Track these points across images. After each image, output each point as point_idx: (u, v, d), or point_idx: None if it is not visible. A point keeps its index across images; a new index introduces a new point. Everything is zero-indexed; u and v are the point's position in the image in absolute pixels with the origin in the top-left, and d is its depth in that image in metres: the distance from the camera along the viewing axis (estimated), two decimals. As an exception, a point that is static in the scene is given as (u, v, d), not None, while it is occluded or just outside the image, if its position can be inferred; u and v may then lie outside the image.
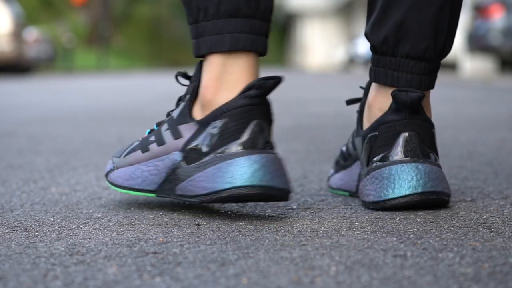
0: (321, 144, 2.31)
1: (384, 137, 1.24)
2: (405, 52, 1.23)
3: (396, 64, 1.24)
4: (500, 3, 10.60)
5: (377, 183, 1.21)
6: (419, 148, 1.22)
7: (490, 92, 6.63)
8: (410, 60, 1.24)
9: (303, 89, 7.68)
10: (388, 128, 1.23)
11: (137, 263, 0.89)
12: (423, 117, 1.23)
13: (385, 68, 1.25)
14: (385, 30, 1.24)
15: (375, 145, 1.25)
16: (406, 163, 1.20)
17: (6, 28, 12.83)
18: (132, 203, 1.30)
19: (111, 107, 4.56)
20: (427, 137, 1.23)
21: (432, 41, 1.23)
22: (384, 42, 1.24)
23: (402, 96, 1.21)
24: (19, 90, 7.51)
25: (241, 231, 1.07)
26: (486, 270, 0.85)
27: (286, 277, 0.83)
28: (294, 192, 1.17)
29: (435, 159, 1.24)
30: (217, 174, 1.14)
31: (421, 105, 1.23)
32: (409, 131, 1.22)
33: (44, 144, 2.36)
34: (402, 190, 1.19)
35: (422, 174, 1.19)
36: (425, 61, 1.24)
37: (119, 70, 22.38)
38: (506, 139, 2.41)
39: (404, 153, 1.22)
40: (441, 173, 1.22)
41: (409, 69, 1.24)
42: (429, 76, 1.25)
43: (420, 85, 1.24)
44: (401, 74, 1.24)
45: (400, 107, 1.22)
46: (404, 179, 1.19)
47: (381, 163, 1.23)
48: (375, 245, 0.97)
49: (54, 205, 1.29)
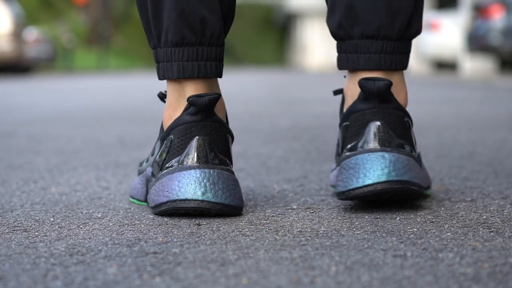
0: (321, 144, 2.31)
1: (354, 126, 1.23)
2: (359, 33, 1.23)
3: (354, 46, 1.24)
4: (500, 3, 10.59)
5: (344, 173, 1.20)
6: (388, 137, 1.20)
7: (490, 92, 6.63)
8: (366, 40, 1.23)
9: (303, 89, 7.68)
10: (357, 117, 1.22)
11: (137, 263, 0.89)
12: (393, 106, 1.22)
13: (346, 52, 1.25)
14: (338, 15, 1.25)
15: (347, 135, 1.24)
16: (372, 152, 1.18)
17: (6, 28, 12.83)
18: (132, 203, 1.31)
19: (111, 107, 4.56)
20: (397, 126, 1.22)
21: (386, 18, 1.22)
22: (339, 27, 1.25)
23: (369, 84, 1.20)
24: (19, 90, 7.51)
25: (241, 231, 1.07)
26: (486, 270, 0.85)
27: (286, 277, 0.83)
28: (243, 206, 1.17)
29: (410, 149, 1.21)
30: (160, 188, 1.19)
31: (390, 94, 1.21)
32: (377, 120, 1.21)
33: (44, 144, 2.36)
34: (366, 180, 1.16)
35: (387, 163, 1.17)
36: (382, 39, 1.23)
37: (119, 70, 22.39)
38: (506, 139, 2.41)
39: (372, 143, 1.20)
40: (411, 162, 1.19)
41: (366, 49, 1.23)
42: (392, 55, 1.23)
43: (381, 64, 1.23)
44: (360, 55, 1.24)
45: (368, 96, 1.21)
46: (368, 168, 1.17)
47: (350, 153, 1.21)
48: (375, 245, 0.97)
49: (54, 205, 1.29)
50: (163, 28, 1.21)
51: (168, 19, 1.20)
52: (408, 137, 1.23)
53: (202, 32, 1.21)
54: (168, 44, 1.21)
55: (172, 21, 1.20)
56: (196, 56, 1.21)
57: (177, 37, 1.20)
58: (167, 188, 1.17)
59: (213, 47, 1.22)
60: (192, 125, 1.20)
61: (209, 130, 1.20)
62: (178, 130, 1.21)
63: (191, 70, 1.21)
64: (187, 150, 1.19)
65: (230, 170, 1.20)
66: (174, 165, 1.20)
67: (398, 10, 1.23)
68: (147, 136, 2.64)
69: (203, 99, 1.18)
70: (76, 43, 23.39)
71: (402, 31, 1.23)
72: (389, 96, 1.21)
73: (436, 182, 1.50)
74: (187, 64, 1.21)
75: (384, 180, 1.16)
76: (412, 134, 1.24)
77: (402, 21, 1.23)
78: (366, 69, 1.24)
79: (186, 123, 1.20)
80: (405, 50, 1.25)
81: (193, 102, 1.18)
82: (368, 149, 1.19)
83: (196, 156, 1.18)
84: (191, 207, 1.15)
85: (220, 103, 1.25)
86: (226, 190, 1.16)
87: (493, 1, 10.80)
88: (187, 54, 1.21)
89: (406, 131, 1.22)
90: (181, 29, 1.20)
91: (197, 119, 1.20)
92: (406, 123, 1.23)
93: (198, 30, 1.20)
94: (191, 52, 1.21)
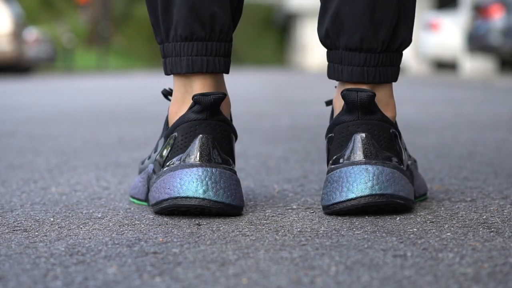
0: (321, 144, 2.31)
1: (339, 138, 1.20)
2: (343, 44, 1.21)
3: (339, 57, 1.22)
4: (500, 3, 10.59)
5: (328, 187, 1.18)
6: (372, 149, 1.17)
7: (490, 92, 6.63)
8: (349, 52, 1.21)
9: (303, 89, 7.68)
10: (341, 129, 1.20)
11: (137, 263, 0.89)
12: (377, 117, 1.19)
13: (333, 62, 1.24)
14: (325, 24, 1.23)
15: (332, 147, 1.22)
16: (356, 165, 1.16)
17: (6, 28, 12.83)
18: (132, 203, 1.31)
19: (111, 107, 4.56)
20: (383, 138, 1.19)
21: (369, 31, 1.19)
22: (326, 36, 1.23)
23: (352, 95, 1.17)
24: (19, 90, 7.51)
25: (241, 231, 1.07)
26: (486, 270, 0.85)
27: (286, 277, 0.83)
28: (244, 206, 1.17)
29: (396, 161, 1.19)
30: (161, 185, 1.19)
31: (375, 105, 1.19)
32: (361, 131, 1.18)
33: (44, 144, 2.36)
34: (349, 194, 1.14)
35: (371, 176, 1.14)
36: (365, 52, 1.20)
37: (119, 70, 22.39)
38: (506, 139, 2.41)
39: (356, 155, 1.17)
40: (396, 175, 1.16)
41: (349, 61, 1.21)
42: (376, 68, 1.21)
43: (364, 77, 1.20)
44: (344, 67, 1.22)
45: (351, 107, 1.19)
46: (352, 182, 1.15)
47: (334, 166, 1.19)
48: (375, 245, 0.97)
49: (54, 205, 1.29)
50: (172, 23, 1.21)
51: (178, 14, 1.20)
52: (395, 149, 1.20)
53: (211, 27, 1.20)
54: (177, 38, 1.21)
55: (182, 16, 1.20)
56: (205, 51, 1.21)
57: (186, 32, 1.20)
58: (169, 185, 1.17)
59: (222, 42, 1.22)
60: (196, 123, 1.20)
61: (213, 128, 1.20)
62: (182, 127, 1.20)
63: (200, 65, 1.21)
64: (190, 148, 1.19)
65: (232, 170, 1.19)
66: (176, 162, 1.19)
67: (381, 21, 1.19)
68: (147, 136, 2.64)
69: (208, 98, 1.18)
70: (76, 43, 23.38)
71: (386, 43, 1.20)
72: (373, 107, 1.18)
73: (436, 182, 1.50)
74: (196, 59, 1.21)
75: (368, 194, 1.14)
76: (399, 146, 1.22)
77: (386, 33, 1.20)
78: (349, 81, 1.22)
79: (190, 121, 1.20)
80: (391, 63, 1.22)
81: (198, 100, 1.18)
82: (351, 162, 1.17)
83: (199, 154, 1.18)
84: (192, 205, 1.15)
85: (226, 101, 1.25)
86: (228, 189, 1.16)
87: (493, 1, 10.80)
88: (196, 48, 1.21)
89: (392, 143, 1.20)
90: (191, 24, 1.20)
91: (202, 117, 1.19)
92: (392, 135, 1.20)
93: (208, 25, 1.20)
94: (200, 47, 1.21)
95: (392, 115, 1.24)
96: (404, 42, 1.22)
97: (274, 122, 3.28)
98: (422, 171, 1.63)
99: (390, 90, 1.24)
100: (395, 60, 1.22)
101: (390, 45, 1.21)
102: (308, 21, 28.57)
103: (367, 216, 1.16)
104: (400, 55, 1.23)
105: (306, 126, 3.09)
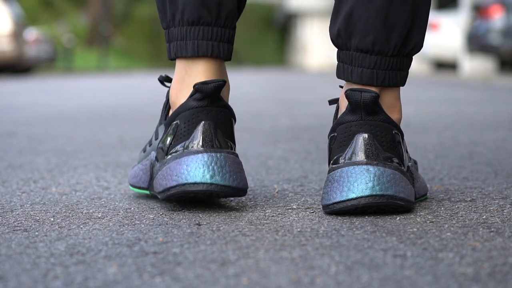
0: (321, 144, 2.31)
1: (341, 138, 1.21)
2: (355, 45, 1.21)
3: (349, 57, 1.23)
4: (500, 3, 10.59)
5: (329, 186, 1.18)
6: (374, 150, 1.18)
7: (490, 92, 6.63)
8: (360, 53, 1.21)
9: (303, 89, 7.68)
10: (344, 128, 1.21)
11: (137, 263, 0.89)
12: (380, 118, 1.20)
13: (343, 62, 1.24)
14: (338, 24, 1.23)
15: (334, 146, 1.22)
16: (357, 165, 1.16)
17: (6, 28, 12.83)
18: (132, 203, 1.31)
19: (111, 107, 4.56)
20: (385, 139, 1.19)
21: (382, 34, 1.20)
22: (338, 36, 1.23)
23: (355, 95, 1.18)
24: (19, 90, 7.51)
25: (241, 231, 1.07)
26: (486, 270, 0.85)
27: (286, 277, 0.83)
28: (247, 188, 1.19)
29: (398, 162, 1.19)
30: (168, 173, 1.20)
31: (379, 105, 1.19)
32: (364, 132, 1.19)
33: (44, 144, 2.36)
34: (350, 194, 1.15)
35: (371, 176, 1.15)
36: (376, 54, 1.21)
37: (119, 70, 22.38)
38: (506, 139, 2.41)
39: (358, 155, 1.18)
40: (397, 176, 1.17)
41: (360, 63, 1.21)
42: (387, 71, 1.21)
43: (373, 80, 1.21)
44: (354, 68, 1.22)
45: (355, 107, 1.19)
46: (352, 182, 1.15)
47: (335, 165, 1.20)
48: (375, 245, 0.97)
49: (54, 205, 1.29)
50: (178, 7, 1.23)
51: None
52: (397, 150, 1.20)
53: (218, 13, 1.23)
54: (183, 22, 1.23)
55: (189, 1, 1.22)
56: (211, 35, 1.23)
57: (194, 16, 1.22)
58: (176, 172, 1.19)
59: (227, 29, 1.24)
60: (198, 110, 1.22)
61: (215, 114, 1.22)
62: (184, 115, 1.22)
63: (205, 49, 1.23)
64: (193, 135, 1.21)
65: (235, 153, 1.22)
66: (179, 149, 1.21)
67: (395, 25, 1.20)
68: (147, 136, 2.64)
69: (208, 86, 1.20)
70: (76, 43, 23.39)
71: (398, 48, 1.21)
72: (377, 108, 1.19)
73: (436, 182, 1.50)
74: (201, 43, 1.23)
75: (368, 195, 1.14)
76: (402, 147, 1.22)
77: (399, 37, 1.20)
78: (358, 83, 1.22)
79: (192, 108, 1.22)
80: (400, 67, 1.22)
81: (199, 89, 1.20)
82: (353, 162, 1.17)
83: (202, 140, 1.20)
84: (200, 190, 1.17)
85: (226, 86, 1.27)
86: (233, 173, 1.19)
87: (493, 1, 10.80)
88: (202, 33, 1.23)
89: (394, 144, 1.20)
90: (199, 9, 1.22)
91: (203, 105, 1.22)
92: (395, 136, 1.21)
93: (215, 11, 1.22)
94: (206, 31, 1.23)
95: (397, 117, 1.24)
96: (415, 48, 1.23)
97: (274, 122, 3.28)
98: (422, 171, 1.63)
99: (397, 93, 1.25)
100: (405, 65, 1.23)
101: (402, 49, 1.22)
102: (308, 21, 28.57)
103: (367, 216, 1.16)
104: (410, 60, 1.24)
105: (306, 126, 3.09)
